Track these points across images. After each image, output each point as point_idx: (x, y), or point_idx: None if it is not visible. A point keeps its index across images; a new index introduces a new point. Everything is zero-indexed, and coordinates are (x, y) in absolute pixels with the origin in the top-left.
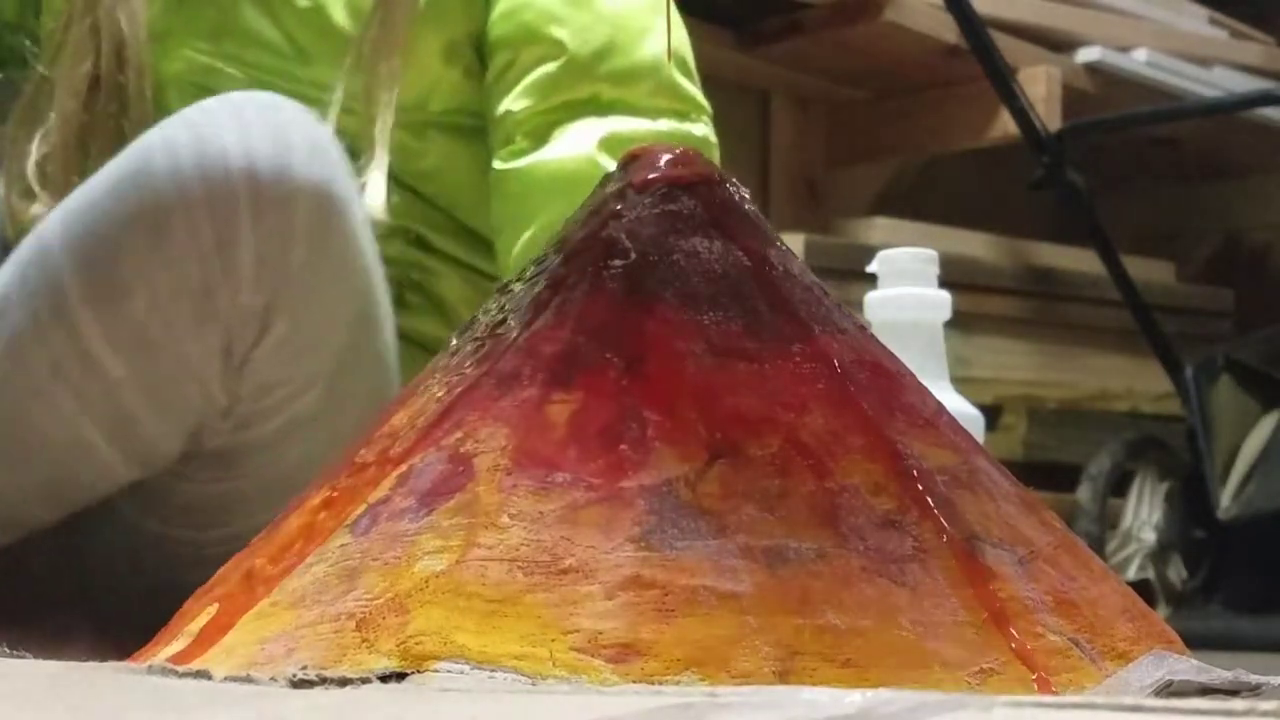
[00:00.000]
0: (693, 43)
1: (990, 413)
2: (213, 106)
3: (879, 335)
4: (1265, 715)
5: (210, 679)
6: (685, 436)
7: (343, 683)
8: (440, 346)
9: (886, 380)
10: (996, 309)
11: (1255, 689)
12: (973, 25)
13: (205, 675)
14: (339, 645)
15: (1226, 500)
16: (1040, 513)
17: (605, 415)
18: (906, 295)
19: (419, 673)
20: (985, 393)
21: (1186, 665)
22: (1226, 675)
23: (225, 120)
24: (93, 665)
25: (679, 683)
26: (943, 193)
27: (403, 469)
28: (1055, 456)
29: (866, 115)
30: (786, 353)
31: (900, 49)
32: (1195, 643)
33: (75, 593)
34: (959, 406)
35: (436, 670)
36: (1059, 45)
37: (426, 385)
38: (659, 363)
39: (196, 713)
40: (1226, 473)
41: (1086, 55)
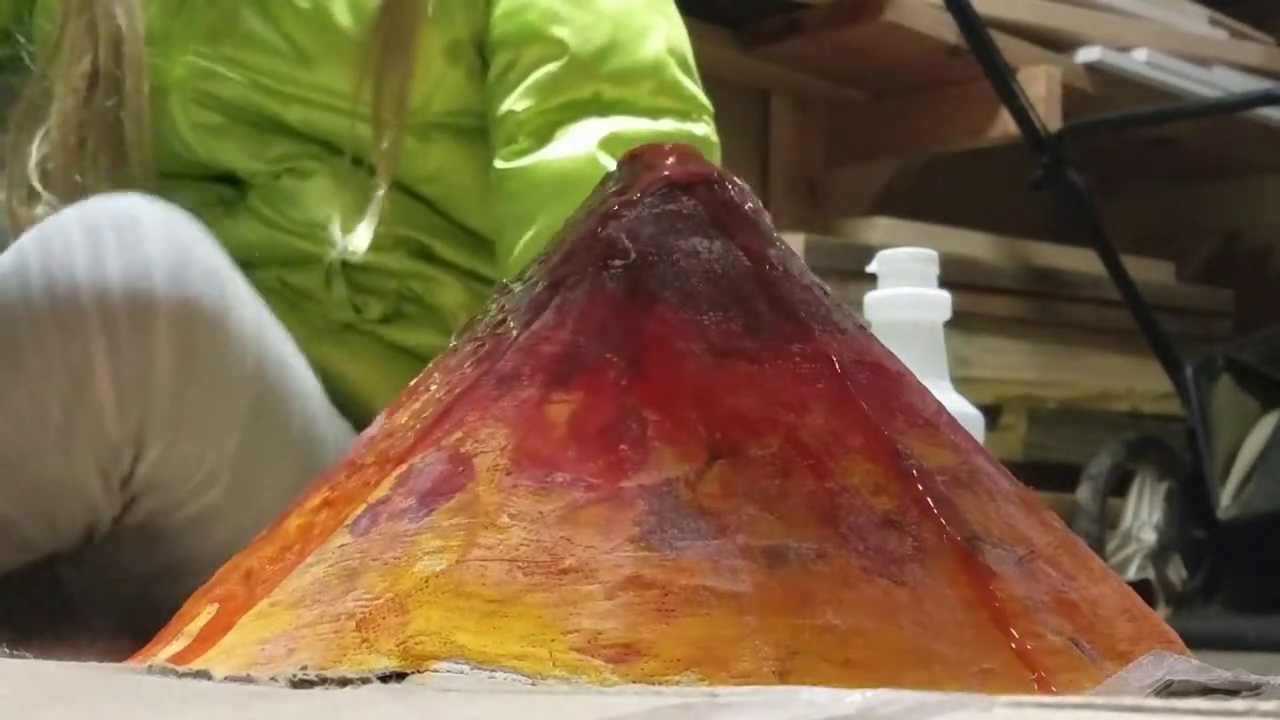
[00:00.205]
0: (693, 43)
1: (990, 413)
2: (68, 222)
3: (879, 335)
4: (1265, 715)
5: (210, 679)
6: (685, 436)
7: (343, 683)
8: None
9: (886, 380)
10: (996, 309)
11: (1255, 689)
12: (972, 25)
13: (205, 675)
14: (339, 645)
15: (1226, 500)
16: (1040, 513)
17: (605, 415)
18: (906, 295)
19: (419, 673)
20: (985, 393)
21: (1186, 665)
22: (1226, 675)
23: (78, 239)
24: (93, 665)
25: (679, 683)
26: (943, 193)
27: (403, 469)
28: (1055, 456)
29: (866, 115)
30: (786, 353)
31: (900, 49)
32: (1195, 643)
33: (59, 606)
34: (959, 406)
35: (436, 670)
36: (1059, 45)
37: (426, 385)
38: (659, 363)
39: (197, 713)
40: (1226, 473)
41: (1086, 55)
